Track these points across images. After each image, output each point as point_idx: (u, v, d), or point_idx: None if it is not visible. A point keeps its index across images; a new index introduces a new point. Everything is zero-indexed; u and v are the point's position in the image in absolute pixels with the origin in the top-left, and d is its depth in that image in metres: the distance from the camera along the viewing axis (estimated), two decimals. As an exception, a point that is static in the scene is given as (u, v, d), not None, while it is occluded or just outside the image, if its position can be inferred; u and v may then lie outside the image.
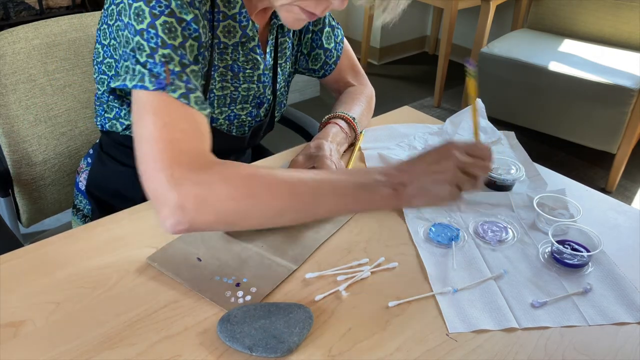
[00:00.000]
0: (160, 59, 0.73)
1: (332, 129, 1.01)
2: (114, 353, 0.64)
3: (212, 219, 0.68)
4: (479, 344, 0.68)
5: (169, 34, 0.74)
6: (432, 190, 0.70)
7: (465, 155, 0.71)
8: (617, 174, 2.42)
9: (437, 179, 0.70)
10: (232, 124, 0.98)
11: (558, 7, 2.75)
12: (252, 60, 0.94)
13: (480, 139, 1.07)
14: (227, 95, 0.94)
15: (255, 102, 1.00)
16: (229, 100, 0.94)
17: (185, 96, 0.72)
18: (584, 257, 0.80)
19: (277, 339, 0.64)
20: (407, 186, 0.70)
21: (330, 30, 1.10)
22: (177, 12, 0.74)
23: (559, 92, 2.40)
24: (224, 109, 0.95)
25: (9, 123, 1.10)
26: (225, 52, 0.90)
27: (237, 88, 0.94)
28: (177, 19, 0.74)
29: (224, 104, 0.94)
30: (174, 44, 0.74)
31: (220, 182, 0.67)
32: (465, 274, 0.78)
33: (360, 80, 1.18)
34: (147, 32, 0.73)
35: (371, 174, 0.72)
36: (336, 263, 0.79)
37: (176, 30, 0.74)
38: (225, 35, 0.88)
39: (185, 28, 0.75)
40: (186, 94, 0.72)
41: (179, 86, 0.72)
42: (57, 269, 0.75)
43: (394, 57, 3.81)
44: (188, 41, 0.76)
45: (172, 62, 0.73)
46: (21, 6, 2.30)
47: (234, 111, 0.97)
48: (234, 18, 0.87)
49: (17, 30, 1.09)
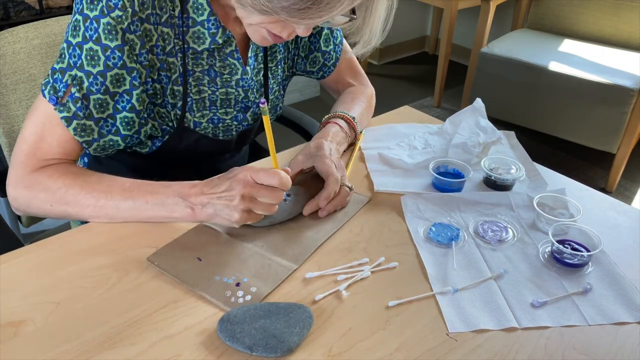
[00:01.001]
0: (68, 79, 0.81)
1: (332, 129, 1.01)
2: (114, 353, 0.64)
3: (35, 213, 0.86)
4: (479, 344, 0.68)
5: (91, 60, 0.80)
6: (223, 214, 0.79)
7: (253, 183, 0.78)
8: (617, 174, 2.42)
9: (226, 205, 0.78)
10: (217, 128, 0.98)
11: (558, 7, 2.75)
12: (229, 65, 0.94)
13: (480, 139, 1.07)
14: (204, 98, 0.94)
15: (240, 107, 1.00)
16: (208, 103, 0.95)
17: (67, 119, 0.82)
18: (584, 256, 0.80)
19: (277, 339, 0.64)
20: (203, 207, 0.80)
21: (329, 32, 1.10)
22: (102, 39, 0.79)
23: (559, 92, 2.40)
24: (205, 112, 0.95)
25: (9, 123, 1.10)
26: (201, 57, 0.91)
27: (214, 92, 0.95)
28: (102, 47, 0.80)
29: (203, 107, 0.95)
30: (91, 70, 0.81)
31: (42, 190, 0.83)
32: (465, 274, 0.78)
33: (360, 81, 1.18)
34: (73, 48, 0.80)
35: (172, 194, 0.82)
36: (336, 263, 0.79)
37: (99, 59, 0.80)
38: (195, 41, 0.88)
39: (109, 57, 0.81)
40: (70, 118, 0.82)
41: (69, 109, 0.82)
42: (57, 269, 0.75)
43: (394, 57, 3.81)
44: (113, 70, 0.82)
45: (77, 87, 0.81)
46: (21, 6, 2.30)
47: (216, 114, 0.97)
48: (203, 25, 0.87)
49: (17, 30, 1.09)
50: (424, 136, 1.13)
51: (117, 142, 0.88)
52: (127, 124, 0.87)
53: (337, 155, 0.97)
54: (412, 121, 1.20)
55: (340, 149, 1.01)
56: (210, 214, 0.80)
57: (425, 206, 0.92)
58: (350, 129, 1.05)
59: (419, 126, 1.17)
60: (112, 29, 0.79)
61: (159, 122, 0.93)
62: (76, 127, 0.83)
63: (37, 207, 0.84)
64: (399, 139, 1.12)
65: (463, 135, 1.09)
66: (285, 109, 1.32)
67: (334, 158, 0.93)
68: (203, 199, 0.80)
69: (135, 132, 0.89)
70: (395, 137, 1.13)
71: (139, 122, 0.88)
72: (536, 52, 2.52)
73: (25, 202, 0.84)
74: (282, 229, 0.85)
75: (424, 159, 1.03)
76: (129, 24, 0.80)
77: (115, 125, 0.86)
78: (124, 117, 0.86)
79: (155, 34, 0.84)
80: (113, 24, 0.79)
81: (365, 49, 0.93)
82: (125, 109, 0.85)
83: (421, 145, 1.10)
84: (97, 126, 0.85)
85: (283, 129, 1.32)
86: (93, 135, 0.85)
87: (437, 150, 1.08)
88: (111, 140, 0.87)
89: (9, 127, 1.09)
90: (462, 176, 0.98)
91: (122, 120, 0.86)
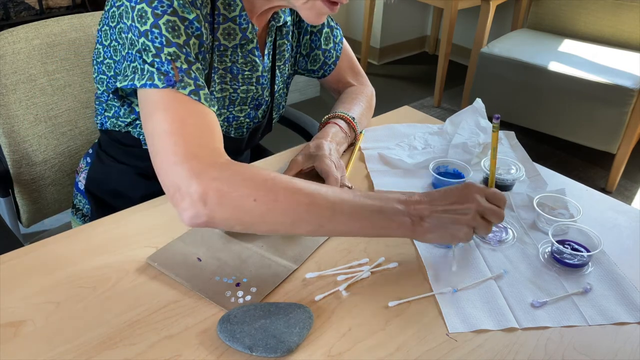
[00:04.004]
0: (167, 57, 0.74)
1: (332, 129, 1.01)
2: (114, 353, 0.64)
3: (229, 216, 0.68)
4: (479, 344, 0.68)
5: (173, 32, 0.74)
6: (448, 229, 0.71)
7: (485, 200, 0.73)
8: (617, 174, 2.42)
9: (457, 219, 0.71)
10: (230, 126, 0.98)
11: (558, 7, 2.75)
12: (251, 62, 0.94)
13: (480, 139, 1.07)
14: (226, 97, 0.94)
15: (254, 104, 1.00)
16: (228, 102, 0.95)
17: (195, 93, 0.74)
18: (584, 257, 0.80)
19: (277, 339, 0.64)
20: (425, 220, 0.71)
21: (329, 31, 1.10)
22: (179, 11, 0.75)
23: (559, 92, 2.40)
24: (223, 111, 0.95)
25: (9, 123, 1.10)
26: (225, 54, 0.90)
27: (235, 90, 0.94)
28: (180, 18, 0.75)
29: (222, 106, 0.94)
30: (178, 42, 0.75)
31: (242, 180, 0.68)
32: (465, 274, 0.78)
33: (360, 81, 1.18)
34: (151, 33, 0.74)
35: (391, 201, 0.72)
36: (336, 263, 0.79)
37: (179, 28, 0.75)
38: (226, 37, 0.88)
39: (187, 27, 0.76)
40: (196, 90, 0.74)
41: (189, 83, 0.74)
42: (57, 269, 0.75)
43: (394, 57, 3.81)
44: (191, 39, 0.77)
45: (179, 60, 0.74)
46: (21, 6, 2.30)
47: (232, 113, 0.97)
48: (234, 20, 0.87)
49: (17, 30, 1.09)
50: (424, 136, 1.13)
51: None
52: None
53: (337, 155, 0.97)
54: (412, 121, 1.20)
55: (340, 149, 1.01)
56: (430, 229, 0.71)
57: (425, 206, 0.92)
58: (350, 129, 1.05)
59: (419, 126, 1.17)
60: (186, 2, 0.75)
61: None
62: (206, 97, 0.75)
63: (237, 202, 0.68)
64: (399, 139, 1.12)
65: (463, 135, 1.09)
66: (285, 108, 1.32)
67: (334, 158, 0.93)
68: (424, 211, 0.71)
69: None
70: (395, 137, 1.13)
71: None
72: (536, 52, 2.52)
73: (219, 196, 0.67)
74: (282, 229, 0.85)
75: (424, 159, 1.03)
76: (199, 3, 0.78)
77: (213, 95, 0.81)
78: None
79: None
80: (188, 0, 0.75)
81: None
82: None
83: (421, 145, 1.10)
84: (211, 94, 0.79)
85: (283, 129, 1.32)
86: (214, 103, 0.77)
87: (437, 150, 1.08)
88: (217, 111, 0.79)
89: (9, 127, 1.09)
90: (462, 176, 0.98)
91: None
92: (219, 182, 0.67)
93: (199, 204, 0.67)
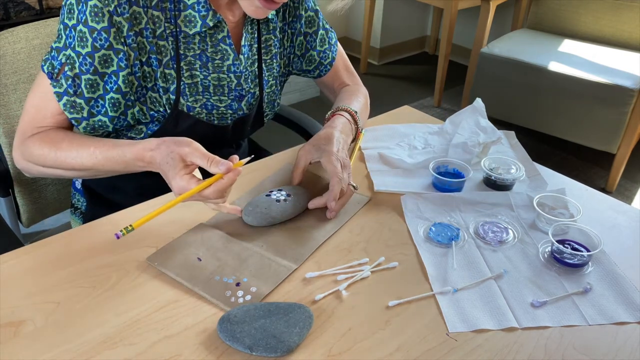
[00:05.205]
0: (63, 57, 0.87)
1: (341, 119, 1.02)
2: (114, 353, 0.64)
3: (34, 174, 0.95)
4: (479, 344, 0.68)
5: (80, 41, 0.85)
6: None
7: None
8: (617, 174, 2.42)
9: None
10: (210, 114, 0.99)
11: (558, 7, 2.75)
12: (221, 51, 0.96)
13: (480, 139, 1.07)
14: (197, 83, 0.96)
15: (234, 95, 1.00)
16: (201, 88, 0.97)
17: (59, 95, 0.88)
18: (584, 256, 0.80)
19: (277, 339, 0.64)
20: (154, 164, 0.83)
21: (324, 33, 1.12)
22: (89, 21, 0.84)
23: (559, 92, 2.40)
24: (198, 97, 0.97)
25: (9, 123, 1.10)
26: (193, 41, 0.93)
27: (206, 77, 0.97)
28: (90, 29, 0.84)
29: (196, 92, 0.96)
30: (81, 51, 0.85)
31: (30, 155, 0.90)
32: (465, 274, 0.78)
33: (354, 81, 1.20)
34: (69, 29, 0.85)
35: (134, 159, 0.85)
36: (336, 263, 0.79)
37: (87, 40, 0.85)
38: (186, 24, 0.91)
39: (96, 39, 0.85)
40: (61, 94, 0.88)
41: (61, 85, 0.87)
42: (57, 269, 0.75)
43: (394, 57, 3.81)
44: (100, 51, 0.86)
45: (70, 65, 0.86)
46: (21, 6, 2.30)
47: (210, 100, 0.98)
48: (193, 8, 0.90)
49: (17, 30, 1.09)
50: (424, 136, 1.13)
51: (105, 123, 0.92)
52: (113, 105, 0.90)
53: (346, 148, 0.97)
54: (412, 121, 1.20)
55: (348, 140, 1.01)
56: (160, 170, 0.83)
57: (425, 206, 0.92)
58: (354, 122, 1.05)
59: (419, 126, 1.17)
60: (98, 11, 0.83)
61: (147, 107, 0.94)
62: (66, 103, 0.88)
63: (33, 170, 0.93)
64: (399, 139, 1.12)
65: (463, 135, 1.09)
66: (285, 109, 1.32)
67: (341, 156, 0.92)
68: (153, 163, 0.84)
69: (122, 114, 0.92)
70: (395, 137, 1.13)
71: (125, 104, 0.91)
72: (536, 52, 2.52)
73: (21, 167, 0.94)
74: (282, 229, 0.85)
75: (424, 159, 1.03)
76: (115, 6, 0.83)
77: (105, 106, 0.90)
78: (111, 98, 0.89)
79: (145, 17, 0.87)
80: (100, 6, 0.83)
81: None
82: (113, 90, 0.89)
83: (421, 145, 1.10)
84: (88, 105, 0.89)
85: (283, 129, 1.32)
86: (82, 114, 0.90)
87: (437, 150, 1.08)
88: (100, 120, 0.91)
89: (9, 127, 1.09)
90: (462, 176, 0.98)
91: (109, 101, 0.90)
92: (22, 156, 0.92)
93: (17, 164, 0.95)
